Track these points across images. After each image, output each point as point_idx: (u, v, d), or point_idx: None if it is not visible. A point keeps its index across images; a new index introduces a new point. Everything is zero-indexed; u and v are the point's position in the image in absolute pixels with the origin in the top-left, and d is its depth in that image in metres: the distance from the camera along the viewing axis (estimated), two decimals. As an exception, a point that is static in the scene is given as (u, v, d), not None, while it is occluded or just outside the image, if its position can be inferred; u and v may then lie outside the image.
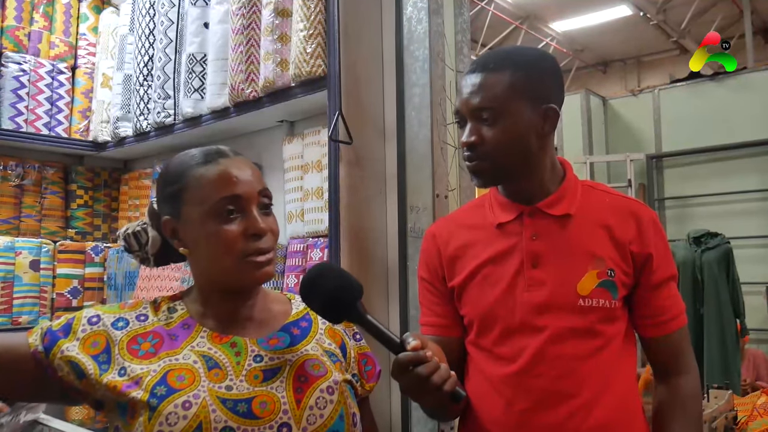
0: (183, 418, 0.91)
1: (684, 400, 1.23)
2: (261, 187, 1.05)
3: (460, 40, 1.93)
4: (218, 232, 1.00)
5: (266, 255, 1.03)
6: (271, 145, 2.29)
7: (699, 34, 8.79)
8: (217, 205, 1.00)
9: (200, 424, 0.91)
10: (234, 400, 0.95)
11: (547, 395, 1.16)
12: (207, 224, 1.01)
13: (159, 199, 1.10)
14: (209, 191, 1.01)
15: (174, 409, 0.92)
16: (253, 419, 0.95)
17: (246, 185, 1.02)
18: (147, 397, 0.93)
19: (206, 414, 0.92)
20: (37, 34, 2.90)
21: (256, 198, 1.04)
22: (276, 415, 0.96)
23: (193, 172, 1.03)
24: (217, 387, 0.96)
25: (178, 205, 1.04)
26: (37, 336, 0.99)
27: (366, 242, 1.75)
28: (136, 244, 1.15)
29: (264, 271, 1.03)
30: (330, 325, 1.15)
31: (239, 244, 1.00)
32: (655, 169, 6.63)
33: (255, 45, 2.06)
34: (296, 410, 0.98)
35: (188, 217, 1.03)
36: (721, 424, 2.13)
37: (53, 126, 2.86)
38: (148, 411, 0.92)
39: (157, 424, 0.91)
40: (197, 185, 1.02)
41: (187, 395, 0.93)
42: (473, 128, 1.20)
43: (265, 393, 0.98)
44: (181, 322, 1.05)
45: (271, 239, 1.05)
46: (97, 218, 3.02)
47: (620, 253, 1.20)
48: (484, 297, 1.23)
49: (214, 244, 1.00)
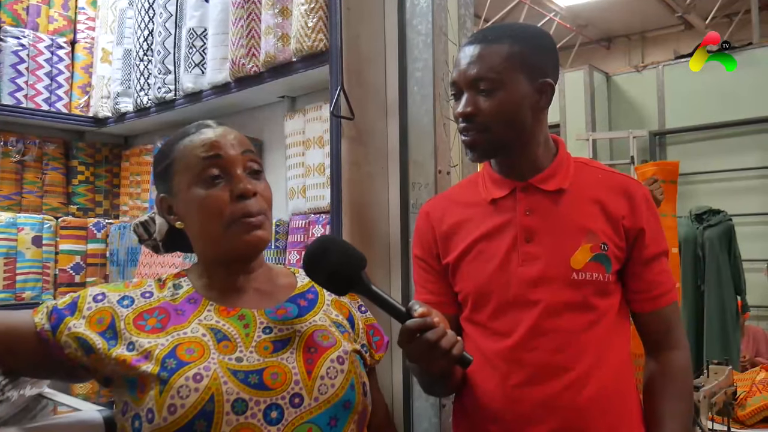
0: (195, 391, 0.91)
1: (674, 374, 1.24)
2: (244, 149, 1.06)
3: (463, 14, 1.90)
4: (205, 198, 1.01)
5: (256, 217, 1.02)
6: (272, 120, 2.28)
7: (704, 9, 8.67)
8: (201, 170, 1.02)
9: (212, 396, 0.91)
10: (245, 372, 0.95)
11: (542, 369, 1.17)
12: (194, 191, 1.02)
13: (155, 180, 1.12)
14: (193, 159, 1.04)
15: (185, 382, 0.91)
16: (265, 390, 0.95)
17: (228, 147, 1.04)
18: (158, 370, 0.93)
19: (218, 386, 0.92)
20: (36, 8, 2.86)
21: (240, 160, 1.04)
22: (287, 385, 0.96)
23: (178, 145, 1.07)
24: (227, 359, 0.96)
25: (168, 179, 1.07)
26: (43, 315, 0.99)
27: (368, 218, 1.74)
28: (146, 234, 1.17)
29: (254, 234, 1.02)
30: (336, 298, 1.15)
31: (226, 208, 1.00)
32: (658, 146, 6.60)
33: (256, 19, 2.04)
34: (307, 380, 0.98)
35: (178, 188, 1.05)
36: (720, 400, 2.14)
37: (53, 101, 2.85)
38: (159, 384, 0.92)
39: (169, 397, 0.90)
40: (182, 156, 1.05)
41: (197, 367, 0.93)
42: (470, 99, 1.20)
43: (276, 364, 0.98)
44: (186, 297, 1.05)
45: (261, 202, 1.04)
46: (98, 194, 3.02)
47: (613, 228, 1.21)
48: (478, 272, 1.24)
49: (202, 209, 1.02)
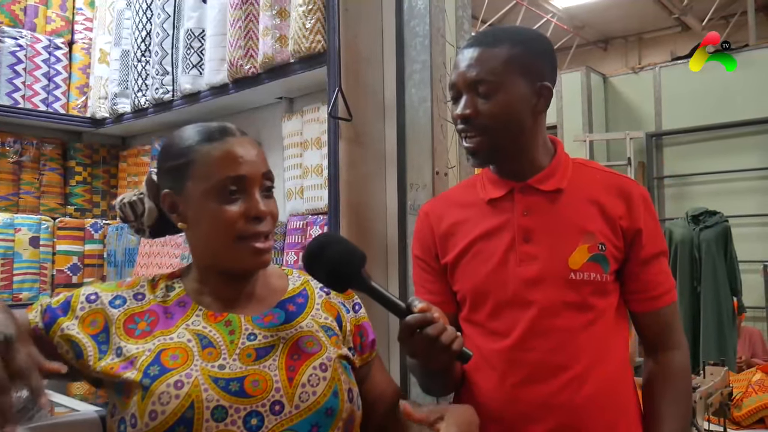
0: (175, 398, 0.92)
1: (673, 374, 1.25)
2: (265, 170, 1.05)
3: (460, 16, 1.91)
4: (219, 211, 1.00)
5: (265, 242, 1.02)
6: (270, 121, 2.28)
7: (701, 11, 8.68)
8: (221, 184, 1.00)
9: (192, 404, 0.92)
10: (226, 379, 0.96)
11: (540, 368, 1.18)
12: (208, 202, 1.00)
13: (160, 171, 1.09)
14: (214, 169, 1.00)
15: (166, 389, 0.93)
16: (246, 398, 0.95)
17: (251, 166, 1.02)
18: (140, 377, 0.94)
19: (198, 393, 0.93)
20: (33, 8, 2.86)
21: (259, 180, 1.03)
22: (268, 393, 0.97)
23: (199, 147, 1.02)
24: (210, 366, 0.97)
25: (181, 179, 1.03)
26: (37, 313, 1.00)
27: (365, 219, 1.75)
28: (132, 214, 1.14)
29: (261, 259, 1.03)
30: (327, 298, 1.15)
31: (238, 225, 1.00)
32: (655, 148, 6.61)
33: (254, 20, 2.04)
34: (288, 388, 0.98)
35: (190, 192, 1.02)
36: (716, 400, 2.15)
37: (51, 102, 2.84)
38: (141, 391, 0.93)
39: (150, 403, 0.92)
40: (203, 162, 1.01)
41: (179, 374, 0.94)
42: (469, 101, 1.21)
43: (257, 372, 0.98)
44: (177, 299, 1.05)
45: (271, 223, 1.05)
46: (96, 195, 3.02)
47: (611, 228, 1.21)
48: (476, 272, 1.25)
49: (214, 222, 1.00)
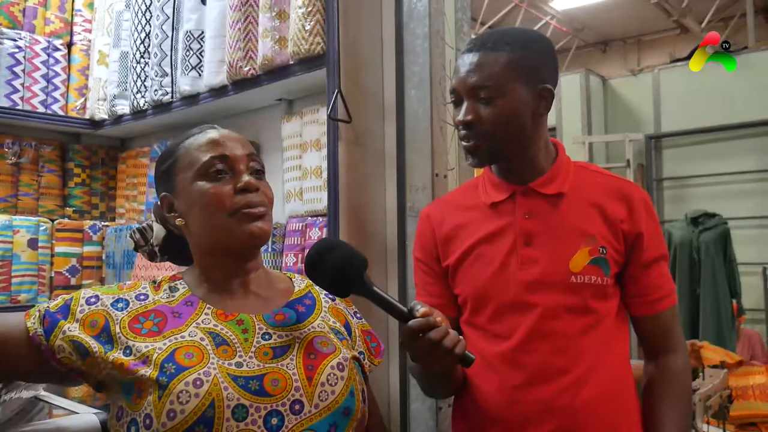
0: (195, 396, 0.89)
1: (673, 378, 1.25)
2: (248, 151, 1.08)
3: (460, 18, 1.91)
4: (208, 190, 1.02)
5: (257, 208, 1.03)
6: (269, 123, 2.28)
7: (700, 13, 8.69)
8: (206, 165, 1.04)
9: (212, 402, 0.89)
10: (245, 377, 0.94)
11: (541, 371, 1.18)
12: (197, 185, 1.03)
13: (156, 183, 1.12)
14: (198, 154, 1.05)
15: (185, 387, 0.90)
16: (266, 396, 0.94)
17: (233, 148, 1.06)
18: (156, 374, 0.91)
19: (218, 391, 0.90)
20: (32, 9, 2.86)
21: (244, 160, 1.06)
22: (288, 392, 0.96)
23: (181, 146, 1.09)
24: (227, 364, 0.95)
25: (171, 178, 1.08)
26: (36, 319, 0.97)
27: (365, 221, 1.74)
28: (143, 240, 1.18)
29: (256, 225, 1.03)
30: (333, 304, 1.15)
31: (228, 200, 1.02)
32: (654, 150, 6.61)
33: (253, 22, 2.04)
34: (308, 387, 0.97)
35: (181, 185, 1.06)
36: (715, 403, 2.15)
37: (49, 104, 2.83)
38: (158, 389, 0.90)
39: (168, 402, 0.89)
40: (186, 153, 1.07)
41: (197, 372, 0.91)
42: (470, 107, 1.21)
43: (276, 370, 0.97)
44: (183, 299, 1.04)
45: (263, 197, 1.05)
46: (94, 197, 3.01)
47: (612, 232, 1.21)
48: (477, 275, 1.25)
49: (205, 202, 1.02)
